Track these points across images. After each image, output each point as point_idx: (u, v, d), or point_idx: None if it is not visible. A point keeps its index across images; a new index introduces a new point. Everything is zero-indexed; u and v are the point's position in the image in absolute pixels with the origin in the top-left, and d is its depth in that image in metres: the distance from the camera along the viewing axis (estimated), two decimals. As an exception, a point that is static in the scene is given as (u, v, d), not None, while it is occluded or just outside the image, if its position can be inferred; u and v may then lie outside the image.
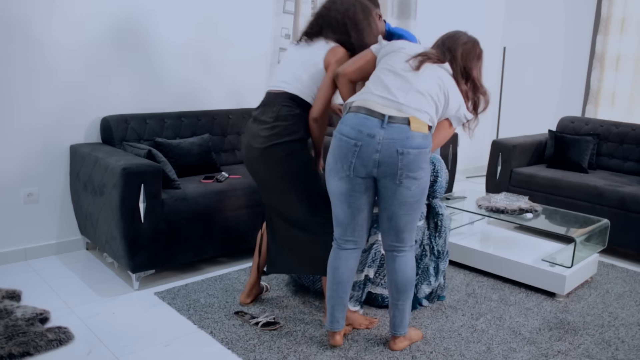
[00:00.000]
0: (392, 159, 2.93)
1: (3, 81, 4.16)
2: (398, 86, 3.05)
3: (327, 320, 3.29)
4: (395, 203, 3.04)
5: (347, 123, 3.01)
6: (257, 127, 3.41)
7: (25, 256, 4.46)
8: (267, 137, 3.33)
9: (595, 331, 3.61)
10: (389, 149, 2.93)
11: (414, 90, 3.05)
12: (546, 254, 4.36)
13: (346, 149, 2.99)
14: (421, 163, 2.99)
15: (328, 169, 3.11)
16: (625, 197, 4.88)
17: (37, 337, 3.18)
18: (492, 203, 4.59)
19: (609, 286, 4.35)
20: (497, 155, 5.84)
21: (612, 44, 6.80)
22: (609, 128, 5.98)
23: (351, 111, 3.05)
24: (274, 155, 3.33)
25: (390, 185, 2.99)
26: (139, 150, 4.20)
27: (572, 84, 7.51)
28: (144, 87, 4.86)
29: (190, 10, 5.02)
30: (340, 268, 3.21)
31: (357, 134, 2.96)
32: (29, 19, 4.20)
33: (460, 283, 4.28)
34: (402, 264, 3.17)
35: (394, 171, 2.95)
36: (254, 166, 3.45)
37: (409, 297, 3.22)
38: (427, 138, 3.01)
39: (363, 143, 2.94)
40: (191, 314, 3.64)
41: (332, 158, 3.06)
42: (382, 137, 2.93)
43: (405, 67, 3.12)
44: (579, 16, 7.34)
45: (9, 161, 4.30)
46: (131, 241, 3.84)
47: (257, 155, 3.38)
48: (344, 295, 3.24)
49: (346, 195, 3.08)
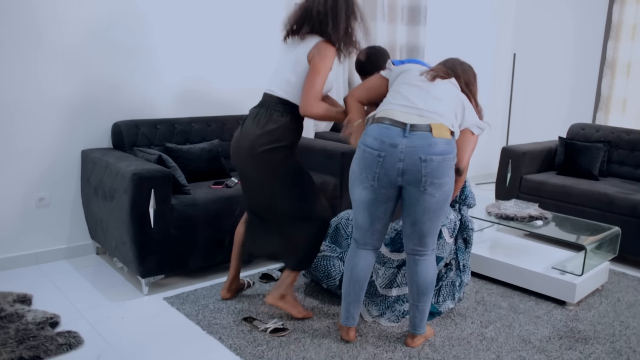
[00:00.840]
0: (415, 166, 2.98)
1: (16, 88, 4.18)
2: (416, 94, 3.13)
3: (342, 317, 3.41)
4: (419, 210, 3.09)
5: (370, 134, 3.08)
6: (250, 125, 3.49)
7: (37, 260, 4.47)
8: (258, 138, 3.41)
9: (606, 340, 3.57)
10: (412, 156, 2.98)
11: (432, 97, 3.12)
12: (556, 262, 4.32)
13: (370, 160, 3.05)
14: (445, 169, 3.02)
15: (353, 178, 3.19)
16: (637, 204, 4.83)
17: (48, 341, 3.19)
18: (502, 210, 4.56)
19: (620, 295, 4.30)
20: (506, 162, 5.80)
21: (623, 51, 6.75)
22: (620, 135, 5.93)
23: (374, 122, 3.12)
24: (265, 160, 3.42)
25: (415, 193, 3.06)
26: (150, 156, 4.20)
27: (582, 90, 7.47)
28: (155, 93, 4.87)
29: (202, 18, 5.02)
30: (357, 266, 3.31)
31: (380, 144, 3.02)
32: (44, 26, 4.22)
33: (469, 290, 4.25)
34: (424, 266, 3.24)
35: (418, 178, 3.00)
36: (241, 163, 3.54)
37: (429, 299, 3.29)
38: (450, 144, 3.04)
39: (386, 153, 3.01)
40: (200, 319, 3.63)
41: (357, 168, 3.13)
42: (404, 145, 2.98)
43: (420, 79, 3.22)
44: (590, 22, 7.30)
45: (21, 166, 4.31)
46: (141, 246, 3.84)
47: (245, 154, 3.47)
48: (360, 292, 3.34)
49: (368, 204, 3.16)
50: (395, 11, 6.46)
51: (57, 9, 4.25)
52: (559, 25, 7.64)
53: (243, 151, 3.48)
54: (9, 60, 4.12)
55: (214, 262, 4.32)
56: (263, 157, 3.42)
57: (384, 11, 6.39)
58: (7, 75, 4.14)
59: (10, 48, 4.12)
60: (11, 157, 4.26)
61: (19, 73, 4.18)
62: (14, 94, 4.18)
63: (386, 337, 3.48)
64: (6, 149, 4.22)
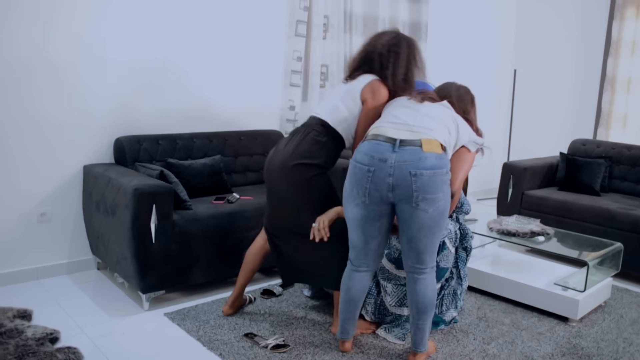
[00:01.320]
0: (405, 181, 2.96)
1: (21, 105, 4.19)
2: (406, 113, 3.18)
3: (338, 331, 3.44)
4: (414, 226, 3.06)
5: (360, 150, 3.10)
6: (286, 142, 3.56)
7: (37, 275, 4.45)
8: (291, 155, 3.45)
9: (609, 357, 3.53)
10: (402, 171, 2.96)
11: (422, 114, 3.15)
12: (558, 278, 4.30)
13: (360, 175, 3.05)
14: (437, 184, 2.99)
15: (345, 196, 3.18)
16: (638, 220, 4.81)
17: (47, 357, 3.17)
18: (504, 226, 4.54)
19: (623, 311, 4.27)
20: (508, 177, 5.79)
21: (623, 67, 6.76)
22: (621, 151, 5.92)
23: (366, 139, 3.14)
24: (295, 175, 3.43)
25: (407, 209, 3.02)
26: (151, 171, 4.19)
27: (583, 106, 7.47)
28: (157, 109, 4.88)
29: (204, 36, 5.04)
30: (352, 288, 3.30)
31: (369, 159, 3.02)
32: (48, 43, 4.24)
33: (471, 306, 4.22)
34: (422, 285, 3.19)
35: (409, 194, 2.97)
36: (273, 180, 3.55)
37: (429, 317, 3.25)
38: (441, 158, 3.02)
39: (376, 168, 3.00)
40: (201, 335, 3.61)
41: (349, 185, 3.13)
42: (394, 160, 2.97)
43: (410, 101, 3.28)
44: (590, 39, 7.32)
45: (23, 181, 4.30)
46: (142, 261, 3.82)
47: (278, 171, 3.49)
48: (354, 311, 3.37)
49: (361, 222, 3.14)
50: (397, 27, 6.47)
51: (67, 32, 4.26)
52: (559, 42, 7.66)
53: (275, 166, 3.51)
54: (13, 79, 4.13)
55: (215, 278, 4.29)
56: (294, 171, 3.43)
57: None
58: (10, 92, 4.15)
59: (14, 65, 4.13)
60: (13, 172, 4.25)
61: (28, 92, 4.19)
62: (16, 110, 4.18)
63: (388, 354, 3.45)
64: (8, 163, 4.22)
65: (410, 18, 6.61)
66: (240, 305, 4.00)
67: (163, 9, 4.78)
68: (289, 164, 3.43)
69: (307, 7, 5.59)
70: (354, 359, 3.38)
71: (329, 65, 5.86)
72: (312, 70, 5.75)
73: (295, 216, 3.52)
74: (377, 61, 3.47)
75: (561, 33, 7.64)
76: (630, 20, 6.67)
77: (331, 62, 5.88)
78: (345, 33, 5.94)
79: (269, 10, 5.45)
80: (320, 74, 5.80)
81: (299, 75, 5.64)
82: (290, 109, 5.63)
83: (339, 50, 5.93)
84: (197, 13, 4.98)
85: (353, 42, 5.95)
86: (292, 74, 5.60)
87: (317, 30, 5.70)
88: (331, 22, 5.81)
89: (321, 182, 3.47)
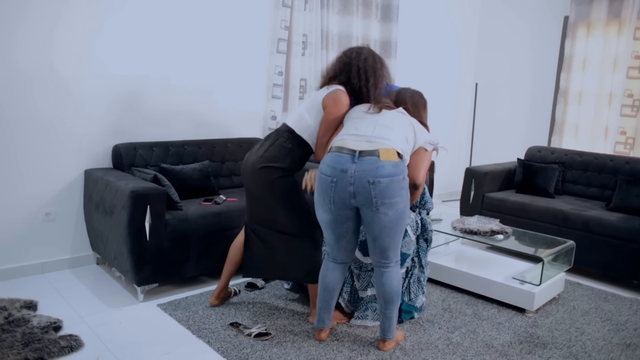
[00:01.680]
0: (365, 189, 3.00)
1: (29, 115, 4.15)
2: (366, 124, 3.21)
3: (316, 320, 3.46)
4: (376, 228, 3.10)
5: (325, 162, 3.14)
6: (259, 146, 3.62)
7: (42, 269, 4.42)
8: (260, 158, 3.52)
9: (563, 345, 3.54)
10: (361, 180, 3.01)
11: (380, 125, 3.18)
12: (516, 273, 4.31)
13: (325, 185, 3.11)
14: (395, 190, 3.02)
15: (315, 202, 3.23)
16: (589, 220, 4.84)
17: (51, 344, 3.17)
18: (466, 225, 4.54)
19: (575, 303, 4.28)
20: (470, 181, 5.80)
21: (574, 81, 6.80)
22: (573, 157, 5.95)
23: (330, 152, 3.17)
24: (262, 176, 3.50)
25: (369, 212, 3.08)
26: (146, 175, 4.17)
27: (538, 116, 7.50)
28: (151, 118, 4.84)
29: (194, 48, 5.02)
30: (327, 277, 3.34)
31: (332, 170, 3.08)
32: (55, 60, 4.20)
33: (436, 299, 4.22)
34: (388, 278, 3.23)
35: (369, 199, 3.02)
36: (247, 179, 3.61)
37: (395, 306, 3.27)
38: (397, 166, 3.05)
39: (338, 178, 3.06)
40: (190, 324, 3.59)
41: (317, 193, 3.19)
42: (354, 170, 3.02)
43: (369, 112, 3.30)
44: (545, 55, 7.35)
45: (30, 184, 4.28)
46: (137, 257, 3.80)
47: (250, 171, 3.56)
48: (330, 300, 3.37)
49: (330, 224, 3.21)
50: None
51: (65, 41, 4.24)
52: (516, 58, 7.69)
53: (248, 167, 3.58)
54: (21, 92, 4.10)
55: (204, 272, 4.26)
56: (261, 173, 3.49)
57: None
58: (19, 104, 4.11)
59: (23, 80, 4.10)
60: (21, 175, 4.21)
61: (29, 101, 4.16)
62: (24, 120, 4.15)
63: (361, 342, 3.44)
64: (16, 168, 4.18)
65: (381, 36, 6.61)
66: (225, 297, 3.98)
67: (157, 29, 4.75)
68: (257, 166, 3.51)
69: (287, 26, 5.58)
70: (330, 346, 3.37)
71: (307, 79, 5.84)
72: (292, 83, 5.74)
73: (267, 213, 3.59)
74: (355, 74, 3.44)
75: (518, 49, 7.67)
76: (582, 38, 6.71)
77: (309, 77, 5.87)
78: (322, 50, 5.93)
79: (253, 30, 5.43)
80: (300, 87, 5.79)
81: (280, 88, 5.62)
82: (272, 118, 5.62)
83: (317, 65, 5.92)
84: (189, 31, 4.96)
85: (329, 58, 5.93)
86: (274, 87, 5.58)
87: (296, 48, 5.69)
88: (309, 40, 5.80)
89: (285, 183, 3.50)
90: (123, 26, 4.54)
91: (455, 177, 8.50)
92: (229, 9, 5.21)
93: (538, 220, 5.25)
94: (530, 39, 7.51)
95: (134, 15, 4.59)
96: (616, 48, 6.41)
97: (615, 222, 4.70)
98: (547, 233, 5.11)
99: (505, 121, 7.94)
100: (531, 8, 7.47)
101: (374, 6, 6.43)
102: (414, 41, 7.35)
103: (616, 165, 5.61)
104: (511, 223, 5.43)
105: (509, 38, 7.79)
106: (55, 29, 4.20)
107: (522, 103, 7.70)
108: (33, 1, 4.07)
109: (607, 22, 6.48)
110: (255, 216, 3.66)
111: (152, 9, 4.69)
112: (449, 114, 8.09)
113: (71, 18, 4.26)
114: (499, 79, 7.97)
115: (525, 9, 7.54)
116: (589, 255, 4.84)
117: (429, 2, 7.43)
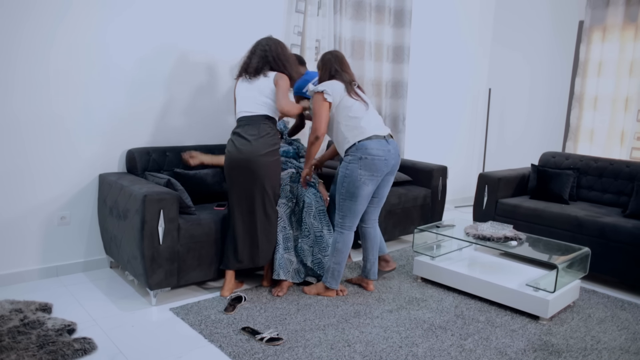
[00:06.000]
0: (397, 160, 4.12)
1: (47, 122, 4.18)
2: (372, 116, 4.10)
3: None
4: (387, 189, 4.26)
5: (372, 147, 3.95)
6: (243, 140, 4.02)
7: (57, 273, 4.44)
8: (258, 146, 3.99)
9: (578, 354, 3.48)
10: (397, 155, 4.11)
11: (376, 115, 4.16)
12: (530, 279, 4.27)
13: (380, 164, 3.97)
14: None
15: (363, 179, 3.96)
16: (605, 227, 4.78)
17: (65, 346, 3.19)
18: (479, 231, 4.50)
19: (591, 311, 4.22)
20: (483, 187, 5.76)
21: (590, 86, 6.74)
22: (588, 163, 5.90)
23: (368, 139, 3.97)
24: (262, 161, 3.99)
25: (389, 178, 4.19)
26: (159, 180, 4.17)
27: (553, 121, 7.45)
28: (164, 124, 4.86)
29: (209, 61, 5.02)
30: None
31: (383, 152, 3.98)
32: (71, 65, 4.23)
33: (449, 305, 4.18)
34: (379, 230, 4.43)
35: (396, 168, 4.16)
36: (239, 171, 4.02)
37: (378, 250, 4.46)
38: None
39: (386, 156, 3.99)
40: (202, 328, 3.59)
41: (368, 172, 3.96)
42: (392, 148, 4.05)
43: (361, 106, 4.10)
44: (559, 60, 7.30)
45: (46, 189, 4.31)
46: (150, 261, 3.81)
47: (245, 160, 3.98)
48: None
49: (369, 195, 4.07)
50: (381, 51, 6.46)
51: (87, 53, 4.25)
52: (531, 63, 7.65)
53: (244, 158, 3.99)
54: (42, 100, 4.13)
55: (216, 277, 4.27)
56: (265, 159, 4.00)
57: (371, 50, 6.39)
58: (39, 112, 4.14)
59: (45, 88, 4.12)
60: (37, 180, 4.24)
61: (48, 109, 4.19)
62: (43, 127, 4.18)
63: (373, 347, 3.41)
64: (33, 173, 4.21)
65: (393, 41, 6.60)
66: (234, 288, 4.27)
67: (174, 36, 4.78)
68: (261, 152, 3.98)
69: (300, 32, 5.60)
70: (342, 352, 3.34)
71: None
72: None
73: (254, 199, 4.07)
74: (274, 62, 4.15)
75: (532, 55, 7.62)
76: (597, 43, 6.65)
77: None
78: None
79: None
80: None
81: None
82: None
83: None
84: (205, 41, 4.98)
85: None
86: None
87: (309, 53, 5.71)
88: (322, 46, 5.80)
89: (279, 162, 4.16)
90: (140, 33, 4.57)
91: (468, 183, 8.45)
92: (242, 16, 5.23)
93: (552, 227, 5.19)
94: (545, 44, 7.47)
95: (149, 19, 4.62)
96: (633, 53, 6.35)
97: (632, 228, 4.63)
98: (562, 240, 5.06)
99: (519, 126, 7.89)
100: (545, 13, 7.42)
101: (386, 11, 6.42)
102: (427, 46, 7.33)
103: (633, 171, 5.54)
104: (525, 229, 5.38)
105: (522, 43, 7.75)
106: (72, 33, 4.23)
107: (536, 108, 7.65)
108: (74, 2, 4.10)
109: (623, 27, 6.43)
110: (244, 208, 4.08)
111: (169, 19, 4.72)
112: (463, 119, 8.05)
113: (88, 20, 4.29)
114: (513, 84, 7.93)
115: (540, 14, 7.49)
116: (605, 263, 4.78)
117: (441, 8, 7.41)
